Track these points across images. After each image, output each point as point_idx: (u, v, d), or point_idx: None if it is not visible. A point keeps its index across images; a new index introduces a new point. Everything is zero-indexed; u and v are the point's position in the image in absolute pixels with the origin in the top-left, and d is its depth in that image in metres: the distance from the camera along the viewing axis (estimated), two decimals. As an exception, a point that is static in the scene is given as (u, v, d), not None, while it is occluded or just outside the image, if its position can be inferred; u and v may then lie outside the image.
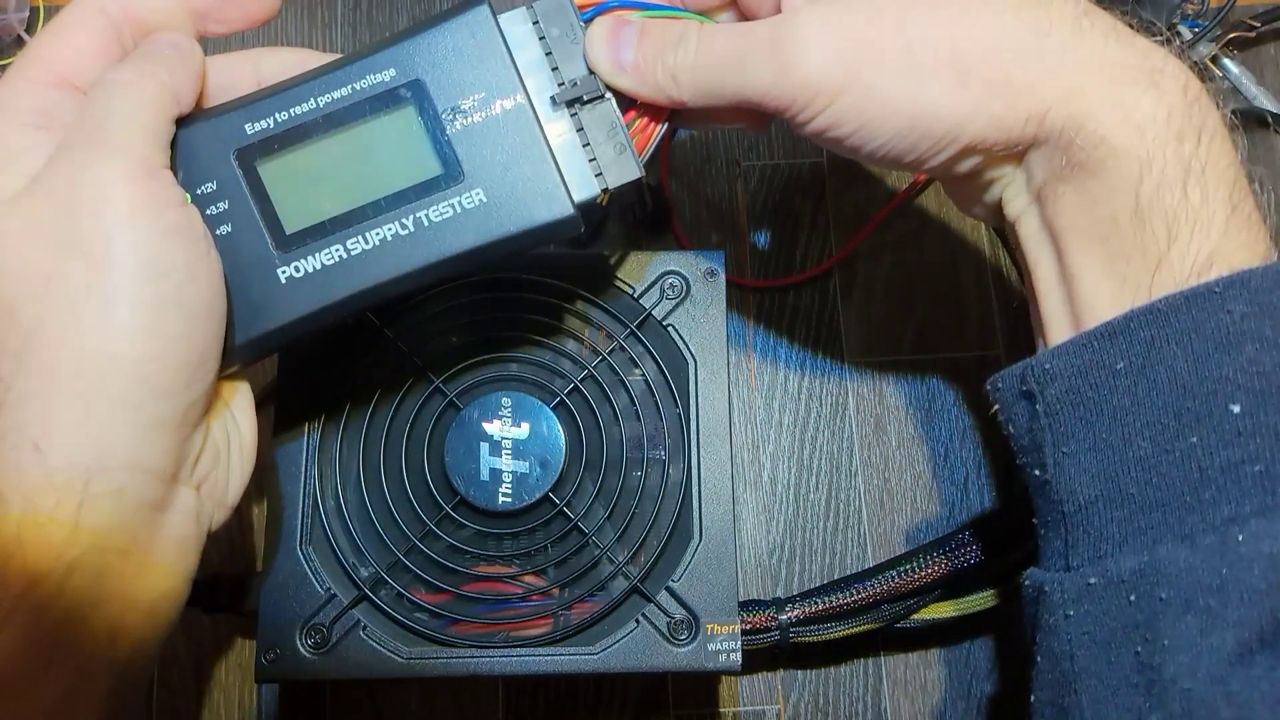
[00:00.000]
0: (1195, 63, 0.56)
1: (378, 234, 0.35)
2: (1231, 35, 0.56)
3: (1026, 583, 0.36)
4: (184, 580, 0.34)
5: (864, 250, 0.55)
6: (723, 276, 0.45)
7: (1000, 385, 0.36)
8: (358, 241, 0.35)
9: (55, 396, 0.31)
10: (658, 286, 0.45)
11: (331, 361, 0.43)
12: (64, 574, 0.30)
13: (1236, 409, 0.31)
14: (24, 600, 0.30)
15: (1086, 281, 0.34)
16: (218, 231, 0.35)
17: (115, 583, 0.31)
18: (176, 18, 0.35)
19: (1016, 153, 0.34)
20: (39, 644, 0.30)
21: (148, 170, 0.32)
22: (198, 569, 0.35)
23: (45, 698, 0.30)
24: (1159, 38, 0.33)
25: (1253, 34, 0.57)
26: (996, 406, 0.36)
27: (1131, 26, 0.34)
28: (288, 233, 0.35)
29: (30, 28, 0.55)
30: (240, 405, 0.37)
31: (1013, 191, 0.36)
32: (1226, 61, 0.57)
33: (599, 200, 0.36)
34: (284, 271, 0.35)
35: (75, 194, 0.31)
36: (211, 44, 0.57)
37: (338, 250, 0.35)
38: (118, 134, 0.32)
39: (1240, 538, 0.30)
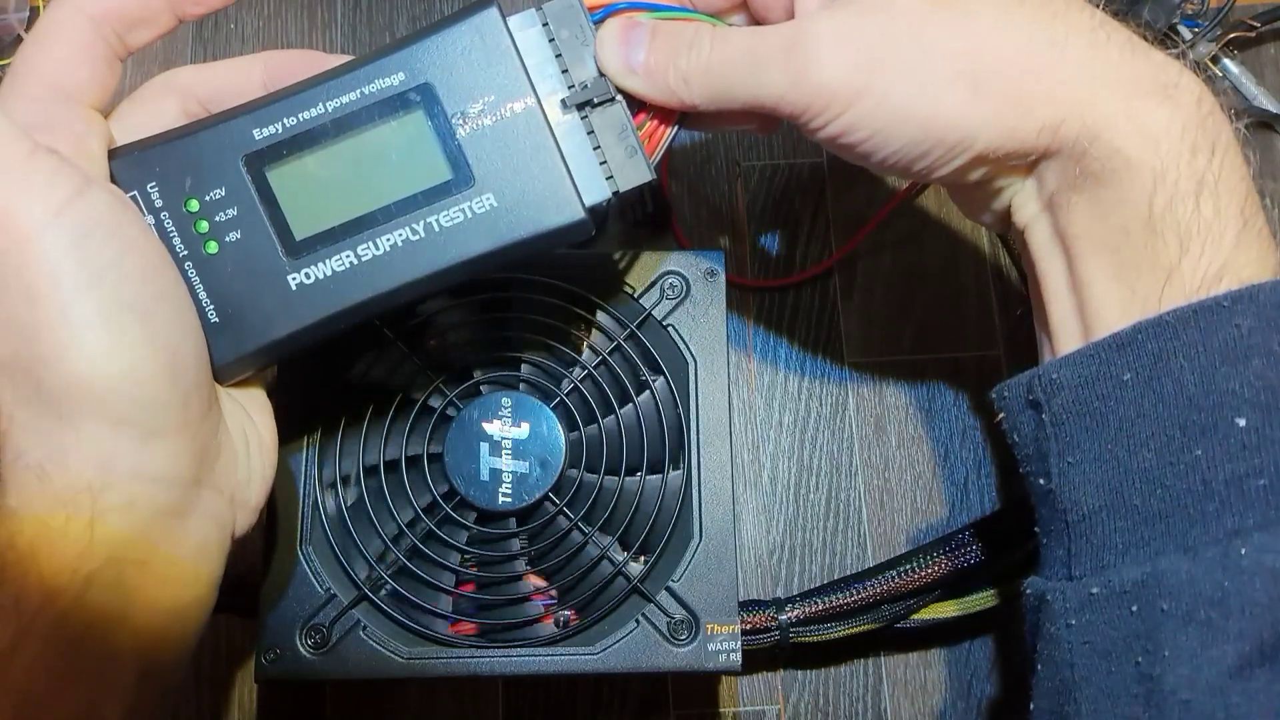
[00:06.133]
0: (1195, 63, 0.56)
1: (388, 240, 0.35)
2: (1231, 35, 0.57)
3: (1028, 591, 0.36)
4: (209, 586, 0.34)
5: (864, 250, 0.55)
6: (723, 276, 0.45)
7: (1006, 394, 0.36)
8: (368, 247, 0.35)
9: (44, 422, 0.30)
10: (658, 286, 0.44)
11: (331, 361, 0.43)
12: (81, 587, 0.30)
13: (1242, 423, 0.31)
14: (42, 615, 0.29)
15: (1096, 291, 0.34)
16: (227, 238, 0.34)
17: (136, 594, 0.31)
18: (153, 3, 0.34)
19: (1028, 163, 0.34)
20: (60, 657, 0.30)
21: (18, 173, 0.30)
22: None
23: (68, 709, 0.30)
24: (1174, 50, 0.33)
25: (1253, 34, 0.57)
26: (1001, 415, 0.36)
27: (1147, 39, 0.34)
28: (298, 239, 0.35)
29: (30, 27, 0.54)
30: (255, 406, 0.36)
31: (1022, 199, 0.36)
32: (1226, 61, 0.57)
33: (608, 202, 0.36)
34: (294, 278, 0.35)
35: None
36: (216, 48, 0.57)
37: (348, 256, 0.35)
38: None
39: (1243, 551, 0.30)
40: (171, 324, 0.32)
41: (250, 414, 0.36)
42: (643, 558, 0.42)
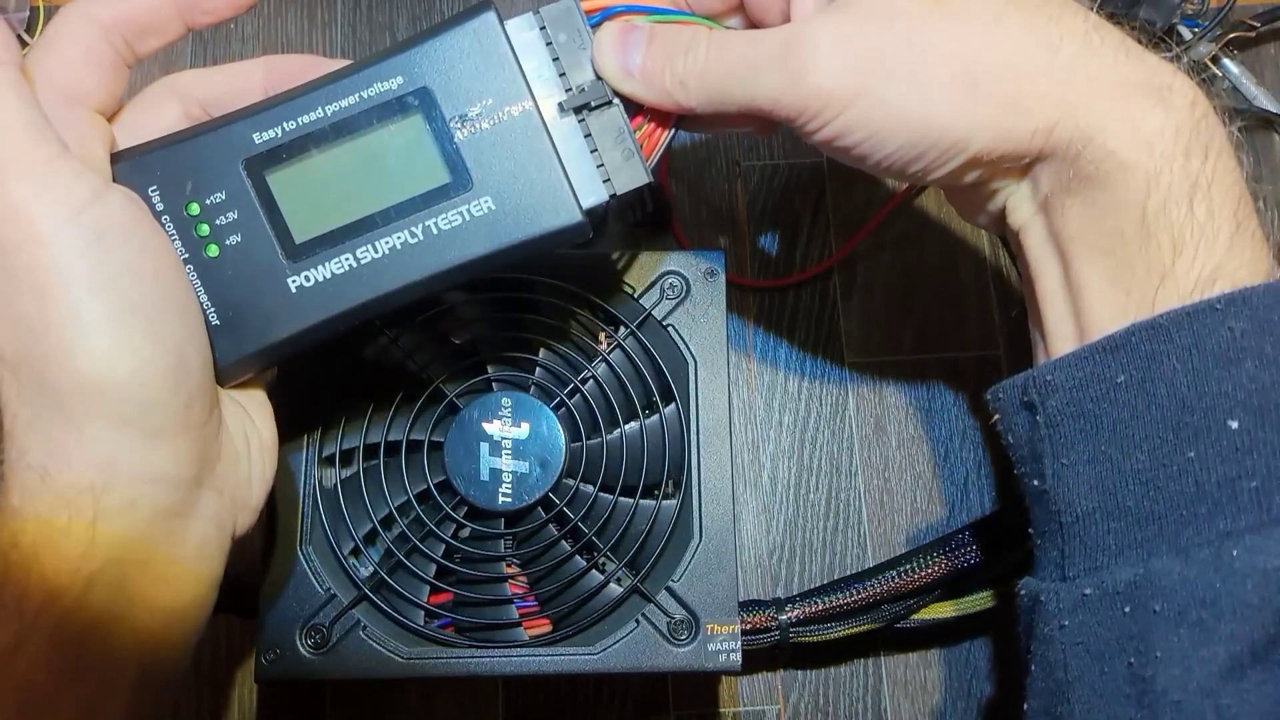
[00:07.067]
0: (1195, 63, 0.56)
1: (387, 242, 0.35)
2: (1231, 35, 0.57)
3: (1022, 592, 0.36)
4: (209, 586, 0.34)
5: (864, 250, 0.55)
6: (723, 276, 0.45)
7: (1001, 396, 0.36)
8: (367, 250, 0.35)
9: (49, 422, 0.31)
10: (658, 286, 0.45)
11: (331, 362, 0.43)
12: (84, 587, 0.30)
13: (1235, 425, 0.31)
14: (44, 614, 0.30)
15: (1090, 293, 0.34)
16: (227, 241, 0.35)
17: (138, 594, 0.32)
18: (164, 11, 0.35)
19: (1023, 165, 0.35)
20: (62, 656, 0.30)
21: (42, 173, 0.30)
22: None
23: (70, 708, 0.30)
24: (1168, 54, 0.34)
25: (1253, 34, 0.57)
26: (996, 416, 0.36)
27: (1141, 42, 0.34)
28: (297, 242, 0.35)
29: (30, 28, 0.55)
30: (256, 407, 0.37)
31: (1016, 201, 0.36)
32: (1226, 61, 0.57)
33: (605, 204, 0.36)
34: (294, 281, 0.35)
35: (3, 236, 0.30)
36: (216, 49, 0.57)
37: (348, 259, 0.35)
38: None
39: (1235, 552, 0.30)
40: (178, 327, 0.33)
41: (251, 415, 0.36)
42: (623, 575, 0.42)
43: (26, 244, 0.30)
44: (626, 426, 0.43)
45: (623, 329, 0.44)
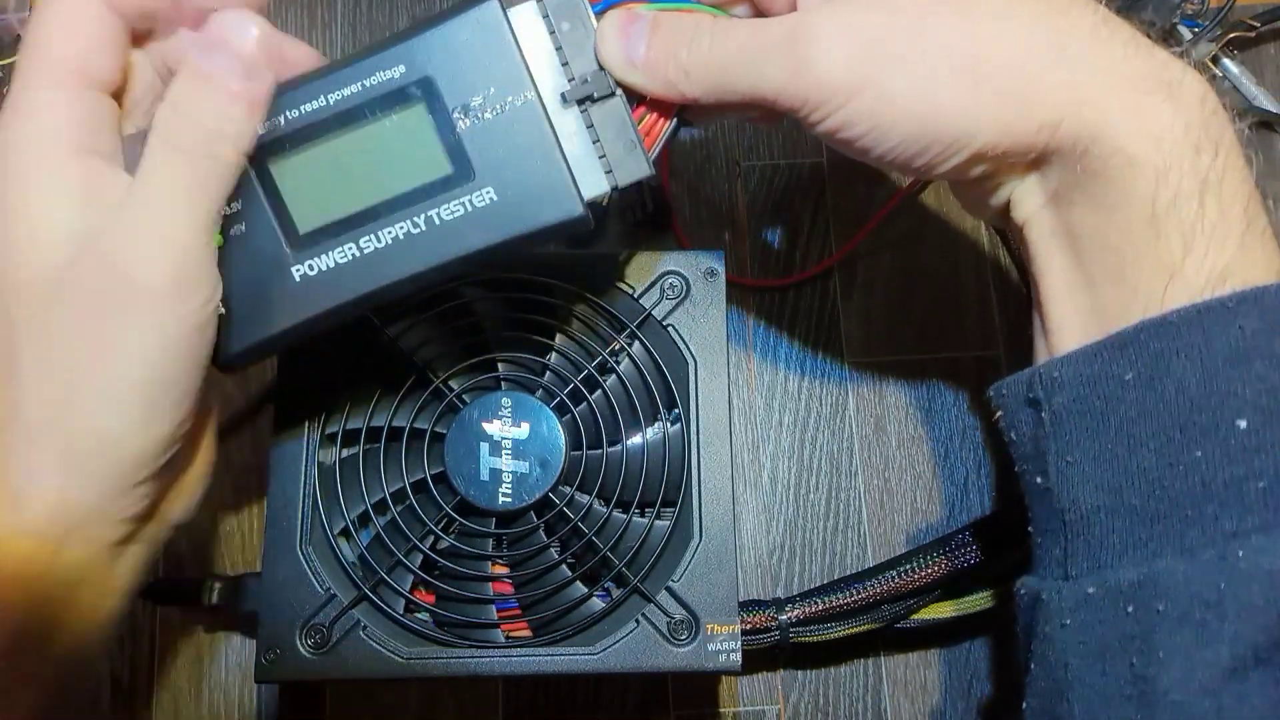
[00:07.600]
0: (1195, 63, 0.56)
1: (390, 233, 0.35)
2: (1231, 35, 0.57)
3: (1022, 591, 0.36)
4: (131, 596, 0.36)
5: (864, 250, 0.55)
6: (723, 276, 0.45)
7: (1005, 392, 0.36)
8: (370, 240, 0.35)
9: (37, 460, 0.32)
10: (658, 286, 0.44)
11: (331, 361, 0.43)
12: (35, 603, 0.32)
13: (1243, 424, 0.31)
14: None
15: (1098, 289, 0.34)
16: (231, 231, 0.34)
17: (76, 607, 0.33)
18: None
19: (1029, 160, 0.34)
20: (5, 666, 0.31)
21: (183, 255, 0.32)
22: (200, 569, 0.37)
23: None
24: (1176, 49, 0.33)
25: (1253, 34, 0.57)
26: (999, 413, 0.36)
27: (1150, 37, 0.33)
28: (301, 232, 0.35)
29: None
30: (202, 435, 0.37)
31: (1021, 195, 0.36)
32: (1226, 61, 0.57)
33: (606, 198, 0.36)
34: (298, 270, 0.35)
35: (102, 313, 0.31)
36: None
37: (351, 249, 0.35)
38: (151, 256, 0.31)
39: (1240, 553, 0.30)
40: (188, 414, 0.34)
41: (192, 445, 0.37)
42: (642, 557, 0.42)
43: (124, 339, 0.31)
44: (629, 442, 0.43)
45: (623, 329, 0.44)
